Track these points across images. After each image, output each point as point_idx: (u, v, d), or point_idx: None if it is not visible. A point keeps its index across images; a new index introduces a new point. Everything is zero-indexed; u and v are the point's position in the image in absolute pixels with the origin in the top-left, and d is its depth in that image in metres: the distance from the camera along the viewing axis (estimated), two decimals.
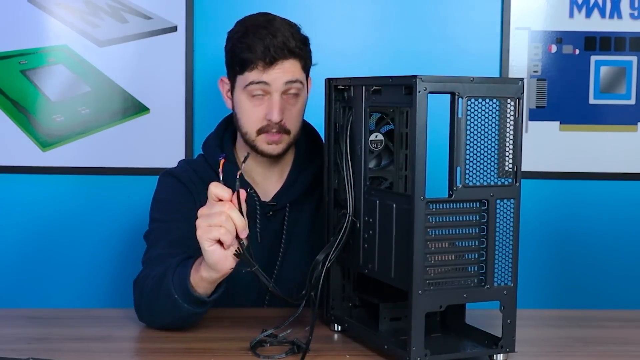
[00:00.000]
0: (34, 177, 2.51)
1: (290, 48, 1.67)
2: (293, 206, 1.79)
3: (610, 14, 2.51)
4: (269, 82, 1.67)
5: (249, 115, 1.71)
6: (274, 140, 1.71)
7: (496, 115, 1.32)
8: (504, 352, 1.37)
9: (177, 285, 1.48)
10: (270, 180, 1.80)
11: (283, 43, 1.66)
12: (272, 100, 1.68)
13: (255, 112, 1.70)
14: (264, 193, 1.77)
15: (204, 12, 2.46)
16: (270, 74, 1.67)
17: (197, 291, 1.47)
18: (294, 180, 1.79)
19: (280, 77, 1.67)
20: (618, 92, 2.53)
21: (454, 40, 2.52)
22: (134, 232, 1.76)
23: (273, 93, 1.68)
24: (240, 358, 1.40)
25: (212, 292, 1.49)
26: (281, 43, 1.66)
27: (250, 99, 1.70)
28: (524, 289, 1.54)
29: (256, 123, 1.70)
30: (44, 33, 2.47)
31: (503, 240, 1.35)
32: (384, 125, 1.51)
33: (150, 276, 1.56)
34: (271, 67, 1.66)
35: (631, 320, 1.71)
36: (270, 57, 1.65)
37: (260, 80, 1.67)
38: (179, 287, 1.48)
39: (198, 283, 1.47)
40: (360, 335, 1.48)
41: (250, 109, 1.70)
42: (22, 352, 1.38)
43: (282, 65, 1.67)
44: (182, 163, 1.84)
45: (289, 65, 1.68)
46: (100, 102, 2.48)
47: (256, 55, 1.66)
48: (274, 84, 1.67)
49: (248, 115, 1.71)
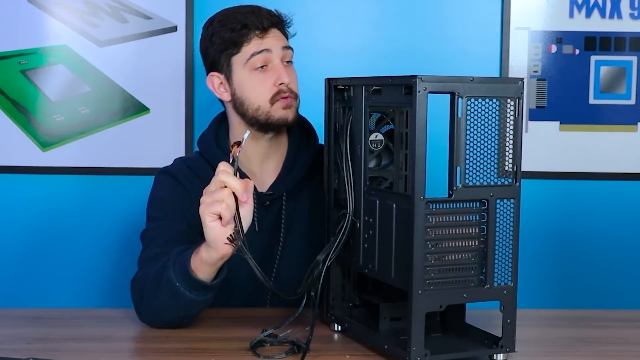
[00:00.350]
0: (34, 177, 2.51)
1: (275, 20, 1.75)
2: (290, 195, 1.79)
3: (610, 14, 2.51)
4: (269, 48, 1.72)
5: (258, 89, 1.73)
6: (288, 104, 1.73)
7: (496, 115, 1.32)
8: (503, 352, 1.37)
9: (178, 272, 1.49)
10: (267, 170, 1.80)
11: (269, 14, 1.74)
12: (276, 66, 1.73)
13: (263, 83, 1.73)
14: (261, 184, 1.78)
15: (204, 12, 2.46)
16: (268, 40, 1.72)
17: (198, 276, 1.48)
18: (290, 169, 1.80)
19: (278, 42, 1.73)
20: (618, 92, 2.53)
21: (454, 40, 2.52)
22: (134, 232, 1.76)
23: (274, 60, 1.72)
24: (240, 358, 1.40)
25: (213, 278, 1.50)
26: (267, 14, 1.74)
27: (254, 73, 1.73)
28: (524, 289, 1.54)
29: (267, 93, 1.73)
30: (44, 33, 2.47)
31: (503, 240, 1.35)
32: (384, 125, 1.51)
33: (150, 273, 1.56)
34: (267, 33, 1.72)
35: (631, 320, 1.71)
36: (266, 22, 1.72)
37: (262, 49, 1.71)
38: (179, 273, 1.49)
39: (198, 266, 1.47)
40: (360, 335, 1.48)
41: (257, 82, 1.73)
42: (22, 352, 1.38)
43: (273, 33, 1.73)
44: (178, 161, 1.85)
45: (279, 34, 1.75)
46: (100, 102, 2.49)
47: (250, 27, 1.71)
48: (274, 49, 1.72)
49: (256, 89, 1.73)
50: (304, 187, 1.80)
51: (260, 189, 1.78)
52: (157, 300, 1.53)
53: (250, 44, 1.71)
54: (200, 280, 1.48)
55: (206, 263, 1.46)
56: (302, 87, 1.79)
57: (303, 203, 1.80)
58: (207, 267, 1.47)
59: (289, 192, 1.79)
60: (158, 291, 1.52)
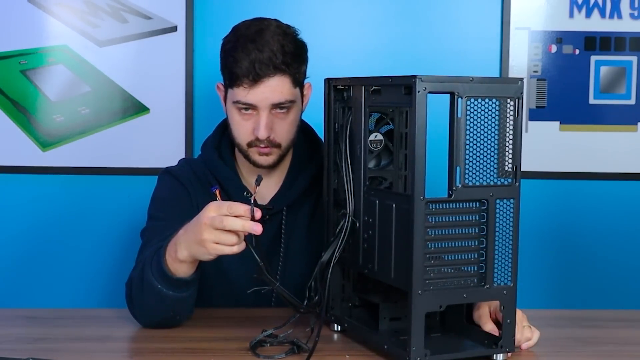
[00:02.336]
0: (34, 177, 2.51)
1: (276, 64, 1.62)
2: (290, 209, 1.78)
3: (610, 14, 2.51)
4: (254, 103, 1.65)
5: (239, 129, 1.70)
6: (264, 153, 1.70)
7: (496, 115, 1.32)
8: (503, 352, 1.37)
9: (157, 275, 1.50)
10: (268, 183, 1.78)
11: (269, 59, 1.62)
12: (260, 117, 1.66)
13: (244, 126, 1.69)
14: (261, 196, 1.76)
15: (204, 12, 2.46)
16: (256, 94, 1.64)
17: (177, 275, 1.49)
18: (291, 183, 1.78)
19: (267, 98, 1.64)
20: (618, 92, 2.53)
21: (454, 40, 2.52)
22: (134, 232, 1.76)
23: (260, 111, 1.66)
24: (240, 358, 1.40)
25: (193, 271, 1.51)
26: (267, 59, 1.61)
27: (239, 113, 1.69)
28: (524, 289, 1.54)
29: (245, 137, 1.70)
30: (44, 33, 2.47)
31: (503, 240, 1.35)
32: (384, 125, 1.51)
33: (134, 277, 1.57)
34: (256, 84, 1.63)
35: (631, 320, 1.71)
36: (254, 74, 1.62)
37: (246, 103, 1.65)
38: (159, 275, 1.49)
39: (178, 268, 1.48)
40: (360, 335, 1.48)
41: (239, 122, 1.69)
42: (22, 352, 1.38)
43: (268, 83, 1.63)
44: (183, 162, 1.85)
45: (276, 83, 1.64)
46: (100, 102, 2.48)
47: (241, 71, 1.62)
48: (260, 104, 1.65)
49: (237, 129, 1.71)
50: (305, 200, 1.79)
51: (260, 201, 1.76)
52: (144, 303, 1.54)
53: (239, 89, 1.64)
54: (180, 278, 1.49)
55: (184, 263, 1.47)
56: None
57: (303, 216, 1.79)
58: (185, 266, 1.48)
59: (290, 205, 1.78)
60: (143, 295, 1.53)
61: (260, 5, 2.43)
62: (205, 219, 1.39)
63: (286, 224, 1.78)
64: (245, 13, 1.78)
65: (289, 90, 1.66)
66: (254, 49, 1.62)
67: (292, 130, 1.72)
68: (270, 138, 1.68)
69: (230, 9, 2.44)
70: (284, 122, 1.69)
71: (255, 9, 1.90)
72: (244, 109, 1.67)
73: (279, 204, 1.77)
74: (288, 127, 1.70)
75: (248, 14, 1.78)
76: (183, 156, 2.46)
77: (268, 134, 1.67)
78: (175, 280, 1.49)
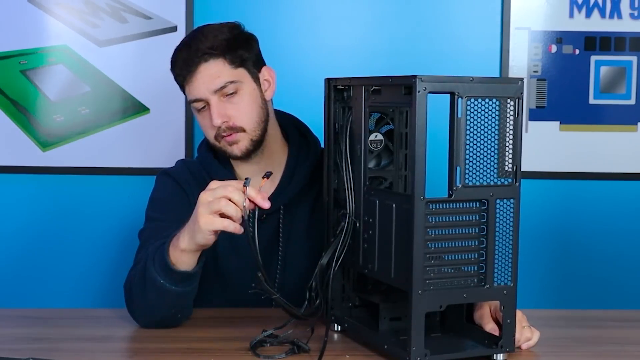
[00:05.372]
0: (34, 177, 2.51)
1: (204, 50, 1.66)
2: (288, 208, 1.78)
3: (610, 14, 2.51)
4: (200, 96, 1.69)
5: (203, 128, 1.75)
6: (232, 141, 1.71)
7: (496, 115, 1.32)
8: (503, 352, 1.37)
9: (160, 269, 1.50)
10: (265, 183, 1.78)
11: (196, 49, 1.67)
12: (210, 107, 1.69)
13: (205, 123, 1.73)
14: None
15: (204, 12, 2.46)
16: (196, 85, 1.68)
17: (180, 267, 1.49)
18: (288, 181, 1.78)
19: (206, 85, 1.67)
20: (618, 92, 2.53)
21: (454, 40, 2.52)
22: (134, 232, 1.76)
23: (210, 101, 1.68)
24: (240, 358, 1.40)
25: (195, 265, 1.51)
26: (194, 49, 1.67)
27: (198, 114, 1.73)
28: (524, 289, 1.54)
29: (210, 132, 1.73)
30: (44, 33, 2.47)
31: (503, 240, 1.35)
32: (384, 125, 1.51)
33: (134, 275, 1.57)
34: (193, 75, 1.67)
35: (631, 320, 1.71)
36: (186, 67, 1.67)
37: (195, 99, 1.69)
38: (161, 270, 1.49)
39: (179, 259, 1.49)
40: (360, 335, 1.48)
41: (201, 122, 1.74)
42: (22, 352, 1.38)
43: (202, 71, 1.67)
44: (180, 163, 1.85)
45: (211, 68, 1.67)
46: (100, 102, 2.49)
47: (178, 70, 1.70)
48: (204, 95, 1.68)
49: (203, 128, 1.75)
50: (303, 197, 1.78)
51: None
52: (146, 301, 1.54)
53: (186, 88, 1.71)
54: (182, 272, 1.49)
55: (187, 253, 1.47)
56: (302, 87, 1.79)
57: (302, 214, 1.79)
58: (188, 257, 1.48)
59: (287, 205, 1.78)
60: (145, 292, 1.52)
61: (260, 6, 2.43)
62: (201, 198, 1.43)
63: (284, 223, 1.78)
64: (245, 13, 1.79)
65: (228, 71, 1.68)
66: (184, 45, 1.70)
67: (252, 112, 1.72)
68: (229, 124, 1.69)
69: (230, 9, 2.44)
70: (238, 105, 1.70)
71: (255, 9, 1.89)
72: (200, 109, 1.71)
73: (276, 204, 1.76)
74: (244, 109, 1.71)
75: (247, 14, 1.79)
76: (183, 156, 2.46)
77: (222, 120, 1.69)
78: (177, 274, 1.49)
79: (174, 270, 1.49)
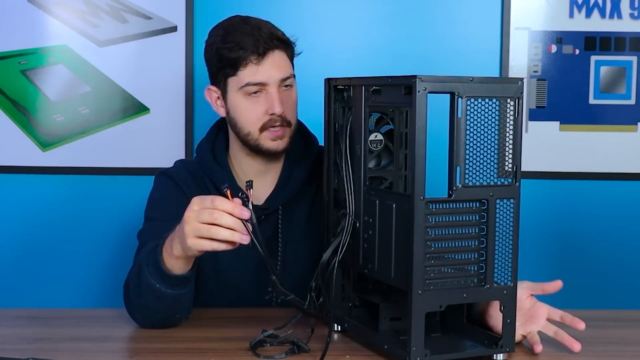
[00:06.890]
0: (34, 177, 2.51)
1: (279, 36, 1.68)
2: (286, 208, 1.77)
3: (610, 14, 2.51)
4: (264, 80, 1.67)
5: (249, 115, 1.70)
6: (278, 136, 1.70)
7: (496, 115, 1.32)
8: (503, 352, 1.37)
9: (155, 274, 1.49)
10: (264, 183, 1.78)
11: (270, 33, 1.67)
12: (271, 94, 1.68)
13: (255, 110, 1.69)
14: (257, 196, 1.75)
15: (204, 12, 2.46)
16: (265, 70, 1.66)
17: (174, 272, 1.49)
18: (286, 182, 1.78)
19: (275, 74, 1.67)
20: (618, 92, 2.53)
21: (454, 40, 2.52)
22: (134, 232, 1.76)
23: (270, 88, 1.68)
24: (240, 358, 1.40)
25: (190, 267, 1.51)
26: (268, 33, 1.67)
27: (247, 98, 1.69)
28: None
29: (257, 121, 1.70)
30: (44, 33, 2.47)
31: (503, 240, 1.35)
32: (384, 125, 1.51)
33: (130, 278, 1.57)
34: (264, 59, 1.66)
35: (631, 320, 1.71)
36: (262, 48, 1.65)
37: (257, 82, 1.67)
38: (156, 275, 1.49)
39: (174, 264, 1.48)
40: (360, 335, 1.48)
41: (249, 108, 1.70)
42: (22, 352, 1.38)
43: (273, 58, 1.67)
44: (179, 163, 1.84)
45: (279, 57, 1.68)
46: (100, 102, 2.48)
47: (246, 50, 1.65)
48: (270, 80, 1.67)
49: (248, 115, 1.70)
50: (302, 197, 1.78)
51: (255, 202, 1.76)
52: (143, 303, 1.54)
53: (246, 69, 1.67)
54: (177, 275, 1.49)
55: (181, 259, 1.47)
56: (302, 87, 1.79)
57: (301, 213, 1.78)
58: (182, 262, 1.48)
59: (286, 205, 1.77)
60: (141, 295, 1.52)
61: (260, 6, 2.43)
62: (188, 211, 1.40)
63: (283, 223, 1.77)
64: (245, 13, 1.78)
65: (289, 65, 1.72)
66: (251, 28, 1.67)
67: (296, 110, 1.75)
68: (283, 115, 1.69)
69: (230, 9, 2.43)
70: (291, 100, 1.72)
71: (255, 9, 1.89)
72: (253, 93, 1.68)
73: (275, 204, 1.76)
74: (293, 105, 1.73)
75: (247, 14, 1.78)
76: (183, 156, 2.46)
77: (283, 109, 1.68)
78: (172, 277, 1.49)
79: (168, 275, 1.48)
